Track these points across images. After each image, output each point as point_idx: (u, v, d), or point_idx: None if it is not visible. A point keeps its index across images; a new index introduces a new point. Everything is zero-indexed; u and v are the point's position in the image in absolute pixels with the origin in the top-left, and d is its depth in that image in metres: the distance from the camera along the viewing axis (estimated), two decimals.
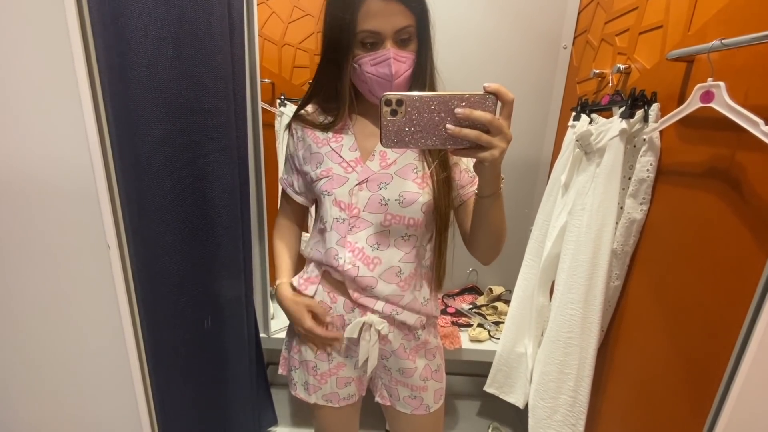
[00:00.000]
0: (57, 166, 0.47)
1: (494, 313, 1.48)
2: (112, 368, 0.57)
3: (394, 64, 0.65)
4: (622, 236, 0.91)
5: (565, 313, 0.99)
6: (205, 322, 0.92)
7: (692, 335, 0.74)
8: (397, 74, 0.66)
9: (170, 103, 0.77)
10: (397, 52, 0.66)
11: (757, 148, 0.60)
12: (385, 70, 0.66)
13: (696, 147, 0.76)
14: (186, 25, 0.77)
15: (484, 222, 0.68)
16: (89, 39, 0.48)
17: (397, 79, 0.67)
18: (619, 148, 0.87)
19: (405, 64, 0.68)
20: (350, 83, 0.72)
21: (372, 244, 0.74)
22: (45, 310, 0.56)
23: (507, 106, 0.52)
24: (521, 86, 1.40)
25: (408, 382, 0.82)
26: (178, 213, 0.83)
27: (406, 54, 0.67)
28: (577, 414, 0.99)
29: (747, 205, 0.64)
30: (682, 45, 0.79)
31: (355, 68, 0.69)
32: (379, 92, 0.69)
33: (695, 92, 0.70)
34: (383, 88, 0.68)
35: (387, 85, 0.67)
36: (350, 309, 0.77)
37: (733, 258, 0.67)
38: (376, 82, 0.68)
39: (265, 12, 1.42)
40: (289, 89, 1.48)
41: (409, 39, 0.68)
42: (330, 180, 0.73)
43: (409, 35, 0.68)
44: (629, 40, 1.00)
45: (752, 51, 0.64)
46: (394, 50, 0.66)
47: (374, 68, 0.67)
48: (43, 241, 0.51)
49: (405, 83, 0.70)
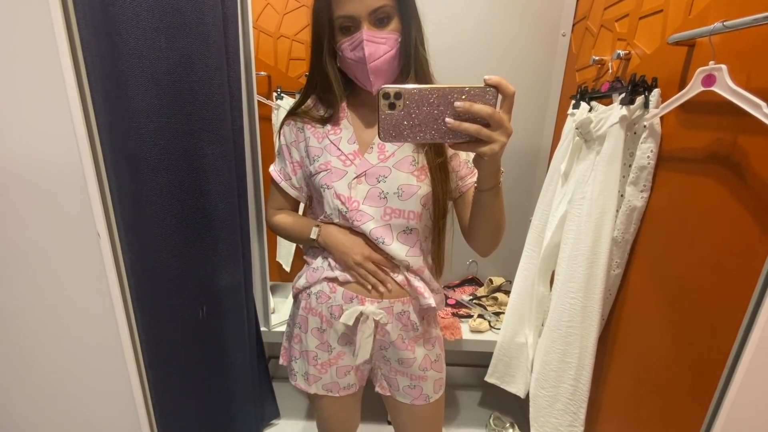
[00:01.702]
0: (44, 158, 0.46)
1: (494, 304, 1.48)
2: (107, 363, 0.56)
3: (367, 46, 0.64)
4: (622, 224, 0.91)
5: (565, 302, 0.98)
6: (200, 311, 0.92)
7: (693, 323, 0.74)
8: (371, 56, 0.65)
9: (163, 94, 0.76)
10: (372, 34, 0.65)
11: (759, 131, 0.59)
12: (359, 53, 0.65)
13: (697, 132, 0.75)
14: (178, 15, 0.75)
15: (484, 215, 0.67)
16: (74, 30, 0.47)
17: (374, 62, 0.66)
18: (619, 135, 0.86)
19: (384, 45, 0.66)
20: (339, 71, 0.72)
21: (376, 237, 0.73)
22: (37, 306, 0.55)
23: (508, 100, 0.51)
24: (520, 75, 1.38)
25: (407, 372, 0.82)
26: (174, 206, 0.82)
27: (384, 35, 0.66)
28: (578, 402, 0.99)
29: (749, 191, 0.64)
30: (683, 29, 0.77)
31: (339, 55, 0.69)
32: (359, 76, 0.69)
33: (696, 76, 0.69)
34: (361, 72, 0.67)
35: (363, 68, 0.66)
36: (349, 300, 0.77)
37: (735, 245, 0.66)
38: (354, 66, 0.68)
39: (260, 3, 1.39)
40: (285, 82, 1.47)
41: (387, 18, 0.66)
42: (329, 173, 0.73)
43: (387, 15, 0.66)
44: (629, 26, 0.98)
45: (754, 32, 0.63)
46: (369, 32, 0.65)
47: (352, 53, 0.67)
48: (34, 236, 0.50)
49: (386, 65, 0.68)
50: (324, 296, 0.79)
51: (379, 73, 0.68)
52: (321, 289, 0.79)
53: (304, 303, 0.82)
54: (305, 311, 0.82)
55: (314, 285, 0.80)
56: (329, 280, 0.78)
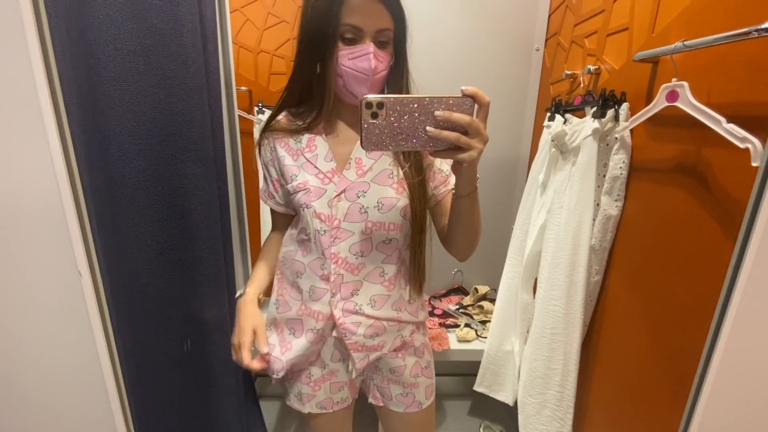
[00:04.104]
0: (22, 191, 0.44)
1: (480, 313, 1.50)
2: (89, 396, 0.54)
3: (373, 59, 0.66)
4: (599, 232, 0.94)
5: (548, 310, 1.01)
6: (185, 344, 0.90)
7: (668, 327, 0.77)
8: (375, 70, 0.67)
9: (142, 116, 0.75)
10: (378, 52, 0.67)
11: (720, 144, 0.63)
12: (364, 65, 0.66)
13: (665, 144, 0.79)
14: (157, 36, 0.75)
15: (462, 220, 0.69)
16: (50, 55, 0.46)
17: (375, 76, 0.67)
18: (592, 147, 0.90)
19: (382, 64, 0.68)
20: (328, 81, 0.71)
21: (355, 252, 0.74)
22: (16, 340, 0.53)
23: (483, 109, 0.53)
24: (497, 88, 1.42)
25: (399, 380, 0.83)
26: (155, 228, 0.81)
27: (384, 54, 0.68)
28: (565, 408, 1.01)
29: (713, 199, 0.67)
30: (647, 46, 0.82)
31: (334, 61, 0.69)
32: (356, 87, 0.69)
33: (661, 92, 0.73)
34: (360, 84, 0.68)
35: (365, 80, 0.67)
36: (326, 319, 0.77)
37: (702, 250, 0.69)
38: (353, 77, 0.68)
39: (240, 19, 1.40)
40: (266, 96, 1.47)
41: (387, 42, 0.69)
42: (307, 193, 0.73)
43: (388, 39, 0.69)
44: (598, 42, 1.03)
45: (712, 51, 0.67)
46: (376, 49, 0.67)
47: (352, 62, 0.67)
48: (11, 270, 0.48)
49: (380, 84, 0.70)
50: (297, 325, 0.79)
51: (374, 88, 0.69)
52: (300, 314, 0.79)
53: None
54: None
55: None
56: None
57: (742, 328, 0.52)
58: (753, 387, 0.55)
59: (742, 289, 0.50)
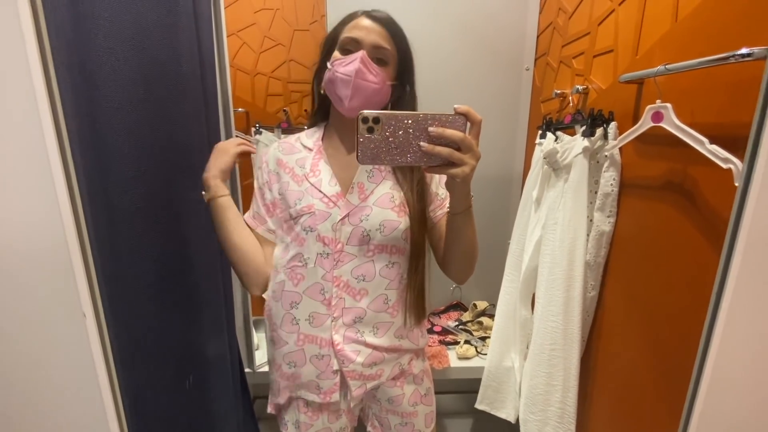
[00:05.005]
0: (24, 229, 0.44)
1: (480, 329, 1.49)
2: (83, 403, 0.53)
3: (360, 64, 0.68)
4: (593, 248, 0.95)
5: (547, 326, 1.01)
6: (187, 381, 0.90)
7: (663, 339, 0.78)
8: (359, 73, 0.69)
9: (141, 143, 0.76)
10: (368, 60, 0.70)
11: (705, 163, 0.65)
12: (350, 68, 0.69)
13: (653, 162, 0.81)
14: (156, 66, 0.77)
15: (458, 239, 0.70)
16: (54, 87, 0.47)
17: (359, 80, 0.69)
18: (583, 164, 0.92)
19: (372, 76, 0.70)
20: (323, 97, 0.78)
21: (357, 276, 0.74)
22: (18, 381, 0.52)
23: (475, 126, 0.55)
24: (489, 106, 1.45)
25: (398, 410, 0.82)
26: (153, 254, 0.81)
27: (377, 68, 0.71)
28: (567, 425, 1.00)
29: (700, 215, 0.69)
30: (632, 68, 0.85)
31: (328, 68, 0.73)
32: (340, 88, 0.70)
33: (646, 113, 0.76)
34: (344, 85, 0.70)
35: (347, 81, 0.69)
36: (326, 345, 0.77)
37: (691, 263, 0.71)
38: (340, 80, 0.70)
39: (236, 43, 1.43)
40: (263, 117, 1.49)
41: (384, 61, 0.72)
42: (312, 216, 0.74)
43: (385, 57, 0.71)
44: (585, 63, 1.07)
45: (695, 74, 0.70)
46: (366, 58, 0.69)
47: (342, 67, 0.70)
48: (13, 310, 0.48)
49: (368, 92, 0.71)
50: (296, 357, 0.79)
51: (359, 93, 0.70)
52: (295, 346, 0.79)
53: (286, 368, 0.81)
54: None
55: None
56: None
57: (729, 341, 0.53)
58: (743, 399, 0.56)
59: (728, 305, 0.51)
